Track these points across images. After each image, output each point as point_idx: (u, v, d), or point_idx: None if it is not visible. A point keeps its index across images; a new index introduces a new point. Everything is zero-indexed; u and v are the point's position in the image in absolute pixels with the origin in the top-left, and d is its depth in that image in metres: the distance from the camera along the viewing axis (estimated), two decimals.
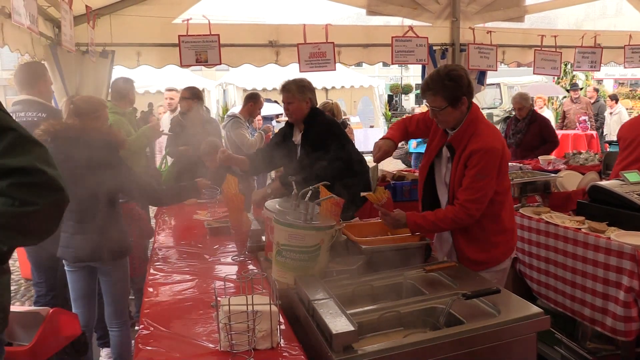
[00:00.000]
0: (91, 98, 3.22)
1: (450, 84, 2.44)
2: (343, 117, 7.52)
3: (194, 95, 5.09)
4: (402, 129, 2.87)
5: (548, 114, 9.74)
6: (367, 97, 17.04)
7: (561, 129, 11.12)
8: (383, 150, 2.72)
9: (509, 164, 5.21)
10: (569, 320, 3.10)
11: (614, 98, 11.90)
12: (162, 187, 3.39)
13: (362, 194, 2.54)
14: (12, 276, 5.39)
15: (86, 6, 4.47)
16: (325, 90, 14.95)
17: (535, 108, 9.57)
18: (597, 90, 13.01)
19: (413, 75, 35.96)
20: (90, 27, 4.63)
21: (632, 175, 3.31)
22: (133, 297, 4.29)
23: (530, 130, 6.03)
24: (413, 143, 10.09)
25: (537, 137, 6.01)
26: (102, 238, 2.90)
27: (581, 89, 11.97)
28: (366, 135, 15.88)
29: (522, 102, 6.05)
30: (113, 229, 2.97)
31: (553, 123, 10.15)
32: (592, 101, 11.76)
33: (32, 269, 3.70)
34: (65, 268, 3.02)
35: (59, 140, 2.82)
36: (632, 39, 6.85)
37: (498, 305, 1.94)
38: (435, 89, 2.47)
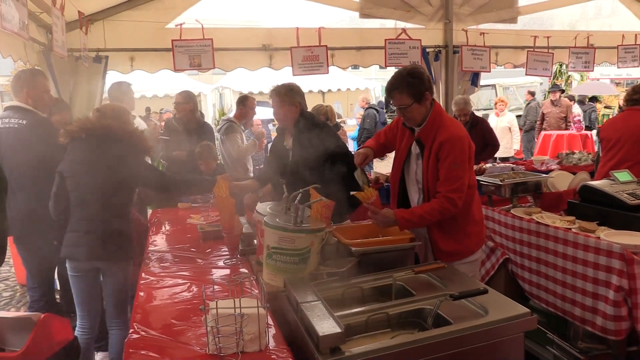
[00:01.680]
0: (116, 105, 3.34)
1: (414, 81, 2.61)
2: (338, 120, 7.55)
3: (187, 100, 5.11)
4: (377, 139, 3.09)
5: (510, 117, 9.28)
6: None
7: (540, 131, 10.74)
8: (363, 155, 2.93)
9: (500, 165, 5.26)
10: (561, 320, 3.12)
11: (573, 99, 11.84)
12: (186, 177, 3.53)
13: (352, 193, 2.68)
14: (7, 282, 5.38)
15: (78, 12, 4.49)
16: (322, 92, 14.97)
17: (496, 111, 9.30)
18: (532, 93, 12.73)
19: None
20: (82, 33, 4.64)
21: (622, 175, 3.33)
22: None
23: (472, 135, 5.91)
24: None
25: (480, 142, 5.83)
26: (114, 238, 2.94)
27: (563, 91, 11.49)
28: None
29: (467, 107, 5.93)
30: (124, 230, 3.01)
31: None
32: (526, 103, 11.51)
33: (27, 274, 3.71)
34: (70, 273, 3.01)
35: (92, 138, 2.91)
36: (625, 39, 6.89)
37: (486, 305, 1.96)
38: (401, 87, 2.63)
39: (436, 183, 2.66)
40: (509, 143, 9.07)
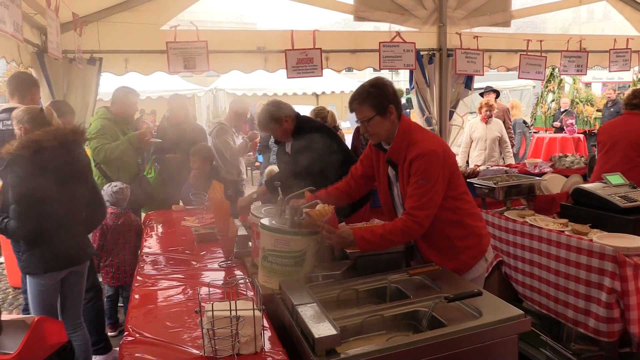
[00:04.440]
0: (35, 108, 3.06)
1: (375, 91, 2.41)
2: (335, 123, 7.56)
3: (180, 104, 5.10)
4: (354, 172, 2.79)
5: (499, 124, 7.21)
6: None
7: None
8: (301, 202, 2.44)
9: (494, 167, 5.28)
10: (554, 322, 3.14)
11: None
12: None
13: (305, 210, 2.31)
14: None
15: (73, 13, 4.48)
16: (316, 95, 14.98)
17: (482, 116, 7.03)
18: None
19: (404, 80, 35.97)
20: (77, 34, 4.63)
21: (614, 178, 3.36)
22: (122, 305, 4.27)
23: None
24: None
25: None
26: (72, 243, 2.95)
27: (498, 93, 9.23)
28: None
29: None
30: (78, 233, 3.03)
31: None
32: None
33: (22, 275, 3.68)
34: (35, 288, 2.94)
35: (40, 153, 2.76)
36: (616, 43, 6.95)
37: (480, 307, 1.97)
38: (361, 97, 2.43)
39: None
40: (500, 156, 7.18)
